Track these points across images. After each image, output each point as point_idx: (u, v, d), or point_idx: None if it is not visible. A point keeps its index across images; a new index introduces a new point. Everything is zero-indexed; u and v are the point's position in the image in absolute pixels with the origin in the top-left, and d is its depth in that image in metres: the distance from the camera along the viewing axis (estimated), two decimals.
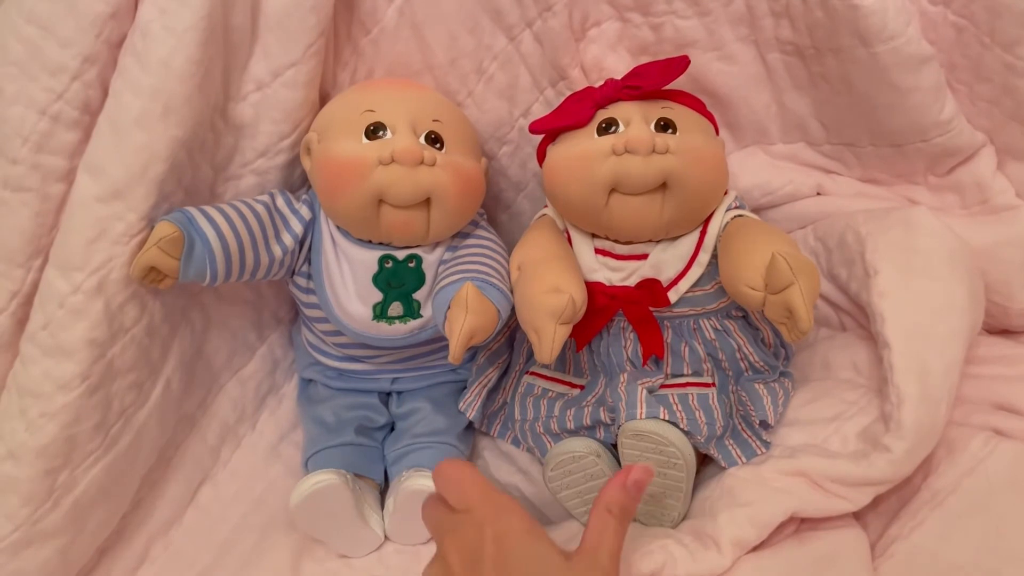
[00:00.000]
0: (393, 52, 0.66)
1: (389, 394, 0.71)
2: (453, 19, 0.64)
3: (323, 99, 0.66)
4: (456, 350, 0.53)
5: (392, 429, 0.70)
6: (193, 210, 0.57)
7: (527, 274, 0.57)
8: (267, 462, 0.69)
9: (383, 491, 0.67)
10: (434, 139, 0.60)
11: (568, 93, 0.66)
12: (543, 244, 0.61)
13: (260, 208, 0.60)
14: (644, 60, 0.67)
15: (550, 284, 0.54)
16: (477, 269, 0.59)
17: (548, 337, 0.52)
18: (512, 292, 0.58)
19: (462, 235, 0.65)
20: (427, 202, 0.59)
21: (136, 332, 0.57)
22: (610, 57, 0.68)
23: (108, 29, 0.54)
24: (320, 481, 0.60)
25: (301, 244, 0.62)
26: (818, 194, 0.70)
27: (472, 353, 0.71)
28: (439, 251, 0.63)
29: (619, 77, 0.60)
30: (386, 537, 0.64)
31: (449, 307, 0.55)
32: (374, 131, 0.58)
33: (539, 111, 0.69)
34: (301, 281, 0.64)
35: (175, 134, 0.54)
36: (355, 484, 0.63)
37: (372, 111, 0.59)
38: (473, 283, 0.55)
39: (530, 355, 0.70)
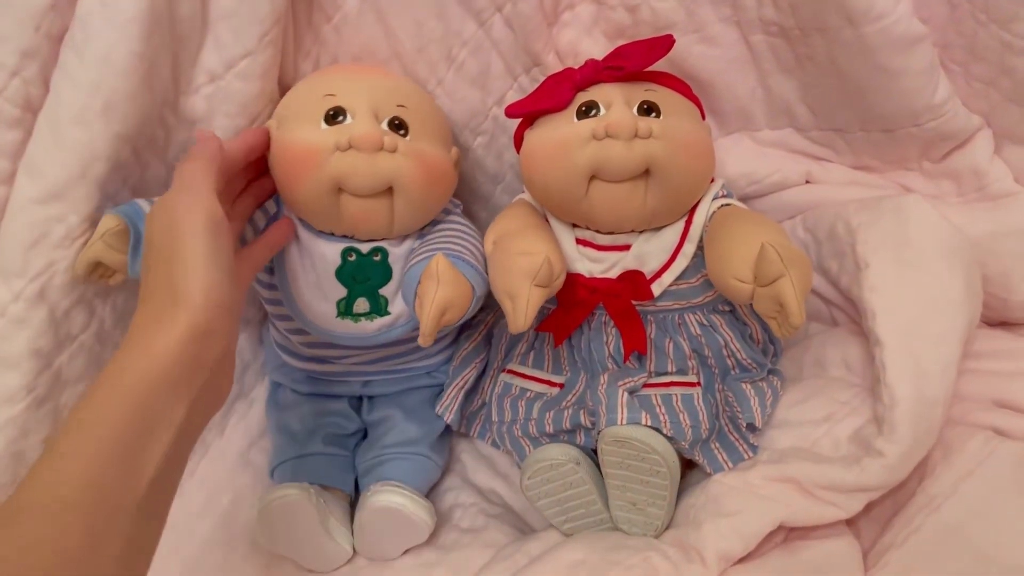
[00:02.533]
0: (357, 40, 0.62)
1: (360, 399, 0.69)
2: (419, 4, 0.61)
3: (284, 90, 0.63)
4: (428, 325, 0.49)
5: (365, 436, 0.67)
6: (143, 202, 0.54)
7: (501, 245, 0.55)
8: (236, 470, 0.67)
9: (354, 502, 0.65)
10: (398, 125, 0.57)
11: (542, 79, 0.63)
12: (519, 217, 0.59)
13: None
14: (622, 43, 0.63)
15: (523, 247, 0.52)
16: (448, 247, 0.56)
17: (523, 299, 0.49)
18: (487, 272, 0.55)
19: (432, 223, 0.62)
20: (390, 191, 0.55)
21: (85, 339, 0.54)
22: (585, 41, 0.64)
23: (48, 22, 0.51)
24: (280, 496, 0.57)
25: (258, 234, 0.59)
26: (807, 182, 0.68)
27: (449, 355, 0.68)
28: (407, 243, 0.60)
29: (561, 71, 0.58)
30: (355, 551, 0.61)
31: (419, 282, 0.52)
32: (333, 116, 0.55)
33: (513, 99, 0.65)
34: (264, 277, 0.61)
35: (117, 131, 0.52)
36: (320, 498, 0.60)
37: (332, 95, 0.56)
38: (444, 255, 0.52)
39: (507, 352, 0.67)
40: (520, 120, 0.60)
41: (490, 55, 0.63)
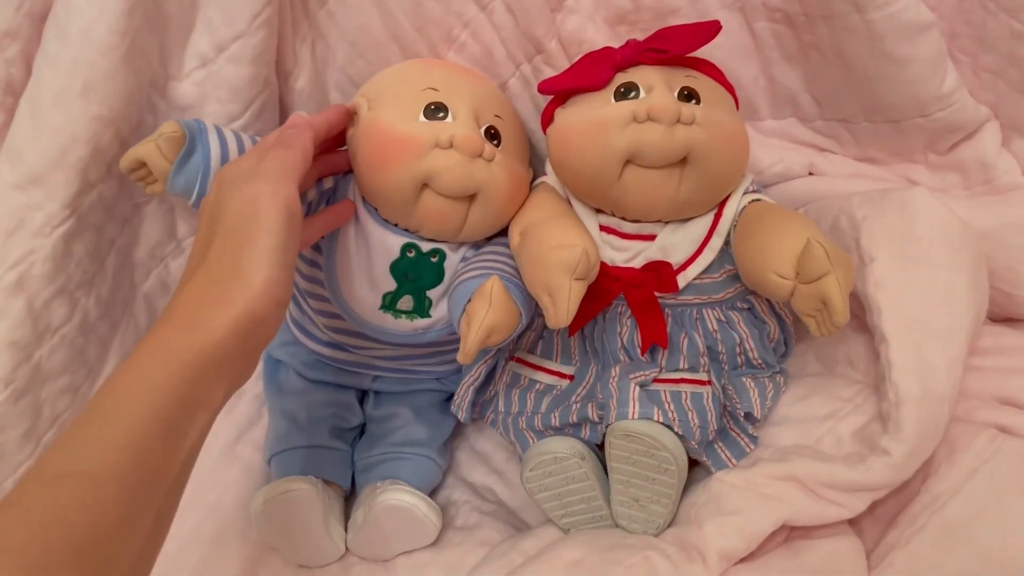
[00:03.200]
0: (354, 22, 0.60)
1: (366, 393, 0.67)
2: None
3: (286, 77, 0.62)
4: (472, 346, 0.49)
5: (362, 432, 0.66)
6: (209, 123, 0.53)
7: (531, 235, 0.53)
8: (222, 464, 0.65)
9: (347, 498, 0.63)
10: (493, 134, 0.56)
11: (546, 68, 0.62)
12: (546, 205, 0.57)
13: None
14: (622, 31, 0.62)
15: (559, 240, 0.50)
16: (502, 268, 0.54)
17: (564, 294, 0.48)
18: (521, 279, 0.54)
19: (488, 237, 0.60)
20: (471, 197, 0.54)
21: (67, 331, 0.52)
22: (590, 28, 0.62)
23: (30, 1, 0.49)
24: (292, 489, 0.56)
25: (309, 209, 0.57)
26: (810, 174, 0.66)
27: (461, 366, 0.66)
28: (463, 250, 0.59)
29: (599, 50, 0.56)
30: (347, 549, 0.60)
31: (470, 300, 0.51)
32: (435, 111, 0.53)
33: (516, 87, 0.64)
34: (306, 252, 0.59)
35: (97, 112, 0.50)
36: (325, 492, 0.58)
37: (435, 90, 0.54)
38: (500, 278, 0.51)
39: (516, 339, 0.65)
40: (551, 98, 0.58)
41: (492, 39, 0.62)
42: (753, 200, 0.56)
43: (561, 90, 0.56)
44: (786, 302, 0.50)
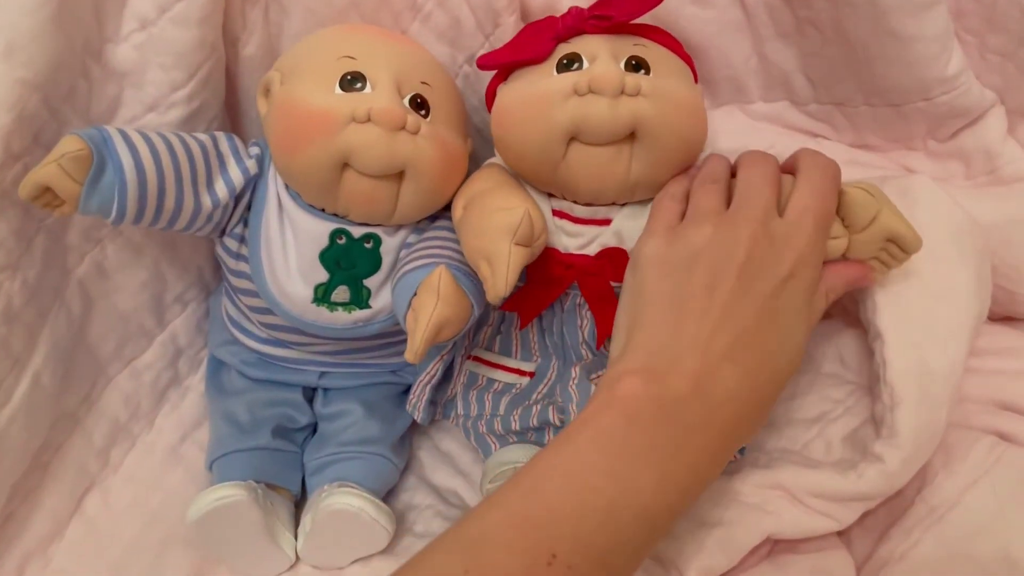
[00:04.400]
0: None
1: (315, 390, 0.63)
2: None
3: (232, 41, 0.57)
4: (420, 345, 0.45)
5: (314, 431, 0.61)
6: (112, 129, 0.47)
7: (473, 204, 0.49)
8: (166, 466, 0.60)
9: (299, 502, 0.59)
10: (420, 104, 0.51)
11: (499, 44, 0.57)
12: (491, 178, 0.53)
13: (195, 146, 0.51)
14: None
15: (499, 204, 0.47)
16: (451, 256, 0.50)
17: (503, 260, 0.44)
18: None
19: (430, 218, 0.56)
20: (400, 175, 0.50)
21: None
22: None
23: None
24: (224, 497, 0.51)
25: (237, 201, 0.53)
26: None
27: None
28: (402, 234, 0.54)
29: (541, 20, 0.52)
30: (298, 558, 0.55)
31: (415, 293, 0.47)
32: (351, 82, 0.49)
33: None
34: (232, 244, 0.54)
35: (21, 76, 0.45)
36: (266, 498, 0.54)
37: (352, 58, 0.50)
38: (448, 268, 0.47)
39: (473, 335, 0.61)
40: (493, 74, 0.54)
41: (460, 8, 0.57)
42: None
43: (502, 64, 0.52)
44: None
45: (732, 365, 0.40)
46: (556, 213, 0.53)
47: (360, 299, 0.54)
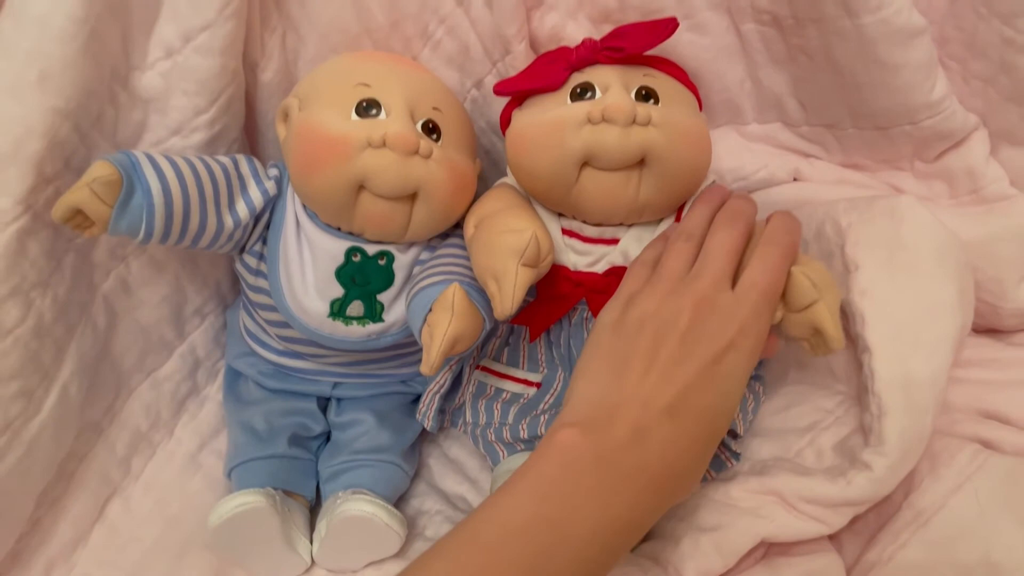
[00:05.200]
0: (326, 14, 0.59)
1: (328, 400, 0.65)
2: None
3: (251, 67, 0.59)
4: (435, 358, 0.47)
5: (328, 439, 0.64)
6: (139, 154, 0.50)
7: (484, 225, 0.52)
8: (185, 474, 0.63)
9: (314, 508, 0.61)
10: (431, 129, 0.54)
11: (512, 71, 0.60)
12: (502, 198, 0.55)
13: (218, 169, 0.53)
14: (606, 28, 0.60)
15: (508, 225, 0.49)
16: (462, 273, 0.53)
17: (510, 280, 0.46)
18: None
19: (442, 235, 0.59)
20: (412, 196, 0.53)
21: (20, 333, 0.50)
22: (570, 25, 0.61)
23: None
24: (244, 504, 0.53)
25: (257, 220, 0.56)
26: (795, 180, 0.65)
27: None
28: (414, 251, 0.57)
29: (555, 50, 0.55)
30: (313, 561, 0.57)
31: (431, 309, 0.49)
32: (367, 108, 0.52)
33: (492, 84, 0.62)
34: (251, 261, 0.57)
35: (54, 104, 0.47)
36: (283, 504, 0.56)
37: (367, 85, 0.52)
38: (461, 285, 0.49)
39: (482, 346, 0.64)
40: (508, 99, 0.57)
41: (468, 35, 0.60)
42: None
43: (517, 91, 0.54)
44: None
45: (670, 420, 0.42)
46: (566, 232, 0.55)
47: (374, 313, 0.56)
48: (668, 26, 0.52)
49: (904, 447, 0.50)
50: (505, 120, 0.57)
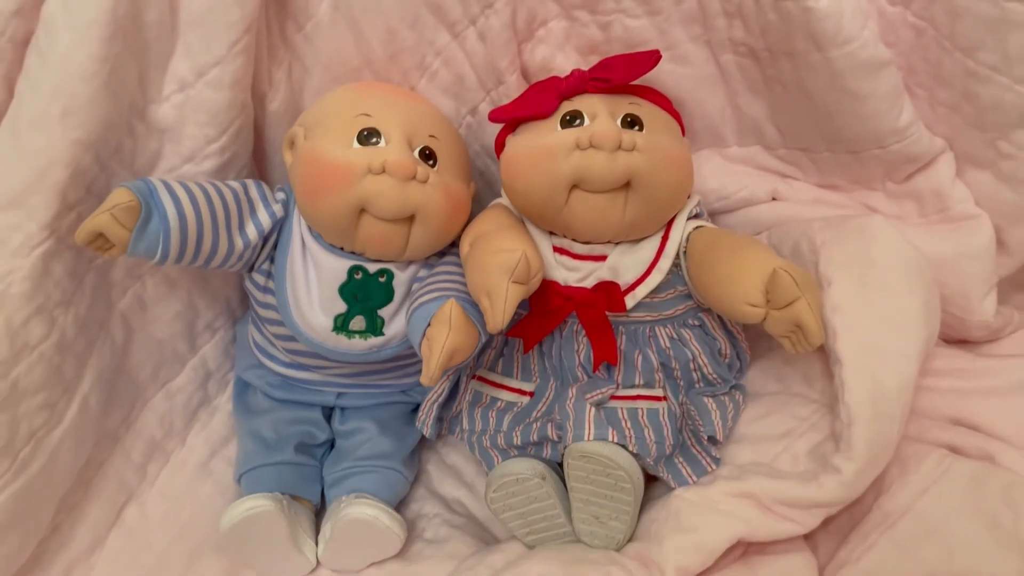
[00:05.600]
0: (329, 47, 0.62)
1: (332, 409, 0.68)
2: (392, 13, 0.61)
3: (259, 98, 0.63)
4: (435, 370, 0.50)
5: (332, 446, 0.67)
6: (156, 181, 0.54)
7: (478, 244, 0.55)
8: (197, 480, 0.66)
9: (318, 512, 0.64)
10: (428, 155, 0.58)
11: (505, 100, 0.64)
12: (495, 219, 0.59)
13: (229, 193, 0.57)
14: (593, 60, 0.64)
15: (500, 245, 0.52)
16: (459, 289, 0.56)
17: (500, 296, 0.50)
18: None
19: (438, 253, 0.62)
20: (411, 219, 0.56)
21: (44, 349, 0.53)
22: (559, 57, 0.65)
23: (12, 27, 0.51)
24: (254, 507, 0.57)
25: (265, 241, 0.59)
26: (774, 199, 0.68)
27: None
28: (412, 268, 0.61)
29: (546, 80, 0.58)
30: (318, 562, 0.61)
31: (430, 324, 0.52)
32: (367, 137, 0.56)
33: (486, 111, 0.66)
34: (259, 279, 0.61)
35: (77, 136, 0.51)
36: (291, 508, 0.60)
37: (368, 115, 0.56)
38: (457, 301, 0.53)
39: (477, 357, 0.67)
40: (502, 125, 0.60)
41: (463, 67, 0.64)
42: (696, 227, 0.58)
43: (510, 118, 0.58)
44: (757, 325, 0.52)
45: None
46: (556, 250, 0.59)
47: (375, 327, 0.60)
48: (652, 58, 0.56)
49: (872, 453, 0.53)
50: (499, 145, 0.61)
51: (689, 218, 0.59)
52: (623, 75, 0.56)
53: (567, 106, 0.56)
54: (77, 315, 0.56)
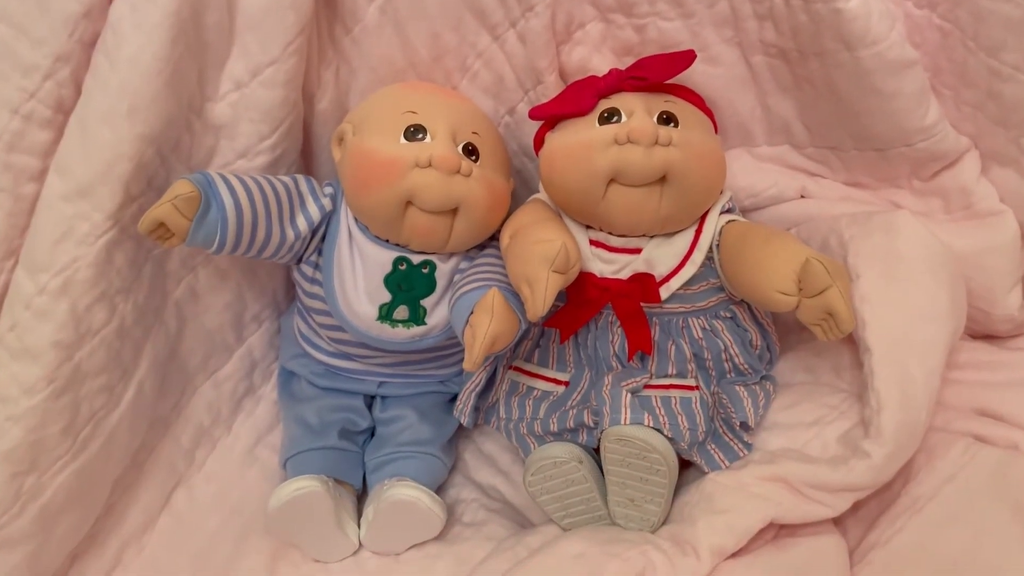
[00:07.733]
0: (375, 51, 0.65)
1: (373, 398, 0.70)
2: (436, 17, 0.64)
3: (308, 99, 0.66)
4: (477, 356, 0.53)
5: (372, 434, 0.69)
6: (214, 174, 0.56)
7: (519, 235, 0.57)
8: (242, 466, 0.68)
9: (360, 497, 0.66)
10: (471, 151, 0.60)
11: (540, 98, 0.66)
12: (534, 212, 0.61)
13: (280, 187, 0.59)
14: (628, 61, 0.66)
15: (540, 236, 0.54)
16: (500, 279, 0.58)
17: (541, 285, 0.51)
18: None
19: (479, 246, 0.65)
20: (454, 211, 0.58)
21: (105, 334, 0.56)
22: (595, 58, 0.67)
23: (81, 28, 0.53)
24: (302, 488, 0.59)
25: (314, 233, 0.62)
26: (802, 197, 0.70)
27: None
28: (454, 260, 0.63)
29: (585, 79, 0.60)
30: (360, 544, 0.63)
31: (473, 312, 0.55)
32: (414, 133, 0.58)
33: (525, 111, 0.68)
34: (307, 270, 0.63)
35: (141, 132, 0.54)
36: (335, 490, 0.62)
37: (414, 112, 0.59)
38: (499, 290, 0.55)
39: (514, 348, 0.68)
40: (541, 123, 0.63)
41: (503, 68, 0.66)
42: (729, 221, 0.60)
43: (550, 115, 0.60)
44: (790, 313, 0.53)
45: None
46: (593, 243, 0.61)
47: (418, 317, 0.62)
48: (686, 58, 0.58)
49: (900, 438, 0.54)
50: (538, 142, 0.63)
51: (722, 212, 0.61)
52: (659, 74, 0.58)
53: (605, 104, 0.58)
54: (136, 303, 0.59)
